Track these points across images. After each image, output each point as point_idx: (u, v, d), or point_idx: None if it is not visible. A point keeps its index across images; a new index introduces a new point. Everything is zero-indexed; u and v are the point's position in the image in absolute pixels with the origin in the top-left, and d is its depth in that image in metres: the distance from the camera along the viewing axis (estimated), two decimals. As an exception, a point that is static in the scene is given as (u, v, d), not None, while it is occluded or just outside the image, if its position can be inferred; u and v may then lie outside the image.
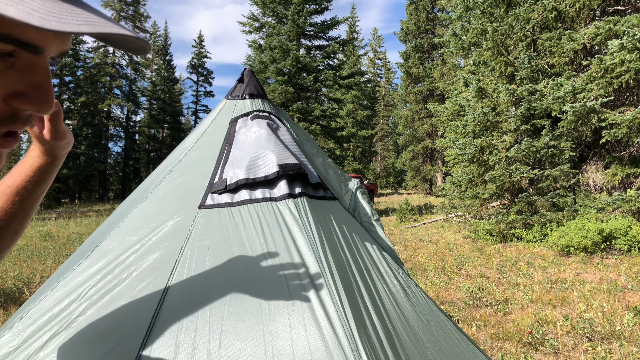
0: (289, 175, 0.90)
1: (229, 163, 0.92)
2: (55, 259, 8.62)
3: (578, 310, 4.67)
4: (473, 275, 6.66)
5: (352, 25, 40.42)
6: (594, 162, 10.68)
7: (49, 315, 0.74)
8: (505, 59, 10.74)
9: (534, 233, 9.49)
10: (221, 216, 0.84)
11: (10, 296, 5.64)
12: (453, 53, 13.47)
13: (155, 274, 0.76)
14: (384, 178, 45.39)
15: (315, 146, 1.20)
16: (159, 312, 0.71)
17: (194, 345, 0.67)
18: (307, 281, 0.74)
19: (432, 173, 28.41)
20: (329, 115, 18.38)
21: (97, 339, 0.69)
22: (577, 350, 3.62)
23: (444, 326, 0.93)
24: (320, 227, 0.87)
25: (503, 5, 10.91)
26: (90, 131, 35.53)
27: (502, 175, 10.01)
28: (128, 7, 38.20)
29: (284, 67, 17.11)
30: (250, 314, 0.70)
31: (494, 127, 10.91)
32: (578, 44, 9.35)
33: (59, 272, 0.87)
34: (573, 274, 6.61)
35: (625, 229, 7.87)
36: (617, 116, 8.33)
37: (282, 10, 18.01)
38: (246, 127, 1.00)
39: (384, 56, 49.85)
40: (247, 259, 0.78)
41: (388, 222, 15.90)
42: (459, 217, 13.26)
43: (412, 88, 28.80)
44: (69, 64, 33.68)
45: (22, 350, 0.71)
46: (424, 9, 28.62)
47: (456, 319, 4.51)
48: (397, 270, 0.99)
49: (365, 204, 1.17)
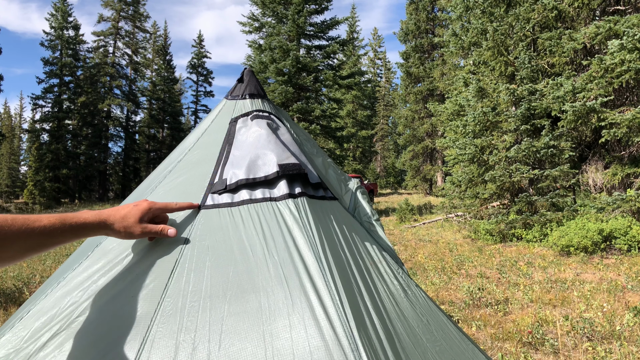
0: (289, 175, 0.90)
1: (229, 163, 0.92)
2: (55, 259, 8.62)
3: (578, 310, 4.67)
4: (473, 275, 6.66)
5: (352, 25, 40.42)
6: (594, 162, 10.68)
7: (49, 315, 0.75)
8: (505, 58, 10.74)
9: (534, 233, 9.48)
10: (221, 216, 0.84)
11: (10, 296, 5.64)
12: (453, 53, 13.47)
13: (155, 274, 0.76)
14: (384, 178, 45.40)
15: (315, 146, 1.20)
16: (158, 312, 0.71)
17: (194, 346, 0.67)
18: (307, 281, 0.75)
19: (432, 173, 28.41)
20: (329, 115, 18.38)
21: (97, 339, 0.69)
22: (577, 350, 3.62)
23: (444, 326, 0.93)
24: (320, 227, 0.87)
25: (503, 5, 10.91)
26: (90, 131, 35.52)
27: (502, 175, 10.01)
28: (128, 7, 38.17)
29: (284, 67, 17.10)
30: (250, 314, 0.70)
31: (494, 127, 10.91)
32: (578, 43, 9.34)
33: (59, 272, 0.87)
34: (573, 273, 6.61)
35: (625, 228, 7.87)
36: (617, 116, 8.32)
37: (282, 10, 18.00)
38: (246, 127, 1.00)
39: (384, 56, 49.87)
40: (247, 259, 0.78)
41: (388, 222, 15.90)
42: (459, 217, 13.26)
43: (412, 88, 28.79)
44: (69, 64, 33.65)
45: (22, 350, 0.71)
46: (424, 9, 28.60)
47: (456, 319, 4.51)
48: (397, 270, 0.99)
49: (365, 203, 1.17)
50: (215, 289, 0.74)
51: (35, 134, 33.63)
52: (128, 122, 38.80)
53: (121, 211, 0.76)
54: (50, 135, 33.32)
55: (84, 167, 34.96)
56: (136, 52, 38.99)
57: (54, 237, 0.67)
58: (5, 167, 50.66)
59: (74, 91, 34.22)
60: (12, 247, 0.63)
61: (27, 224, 0.64)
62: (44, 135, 33.77)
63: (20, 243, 0.63)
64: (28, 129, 34.95)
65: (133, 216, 0.76)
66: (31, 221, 0.65)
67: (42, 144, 33.06)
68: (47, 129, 33.64)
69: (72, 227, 0.70)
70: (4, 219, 0.62)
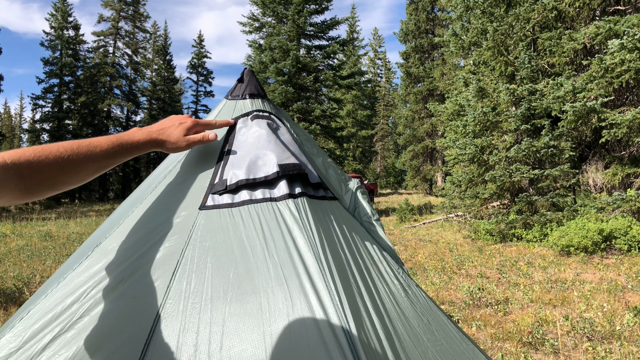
0: (289, 175, 0.90)
1: (229, 163, 0.92)
2: (55, 259, 8.62)
3: (578, 310, 4.67)
4: (473, 275, 6.66)
5: (352, 25, 40.42)
6: (594, 162, 10.68)
7: (50, 316, 0.74)
8: (506, 58, 10.74)
9: (534, 233, 9.48)
10: (222, 217, 0.84)
11: (10, 296, 5.64)
12: (453, 53, 13.47)
13: (156, 275, 0.76)
14: (384, 178, 45.40)
15: (315, 146, 1.20)
16: (160, 314, 0.71)
17: (196, 347, 0.67)
18: (307, 282, 0.75)
19: (432, 173, 28.41)
20: (329, 115, 18.37)
21: (99, 340, 0.69)
22: (577, 350, 3.62)
23: (444, 326, 0.94)
24: (320, 227, 0.87)
25: (503, 5, 10.90)
26: (90, 131, 35.49)
27: (502, 175, 10.01)
28: (128, 7, 38.15)
29: (284, 67, 17.09)
30: (251, 314, 0.70)
31: (494, 127, 10.91)
32: (578, 43, 9.34)
33: (59, 272, 0.87)
34: (573, 273, 6.61)
35: (625, 228, 7.87)
36: (617, 116, 8.32)
37: (282, 10, 17.99)
38: (246, 127, 1.00)
39: (384, 56, 49.86)
40: (247, 260, 0.78)
41: (388, 222, 15.90)
42: (459, 217, 13.26)
43: (412, 88, 28.79)
44: (69, 64, 33.64)
45: (24, 351, 0.71)
46: (424, 9, 28.60)
47: (456, 319, 4.51)
48: (398, 270, 0.99)
49: (365, 203, 1.17)
50: (216, 290, 0.74)
51: (35, 134, 33.62)
52: (128, 122, 38.78)
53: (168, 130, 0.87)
54: (50, 135, 33.31)
55: (84, 167, 34.93)
56: (136, 52, 38.99)
57: (113, 158, 0.77)
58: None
59: (74, 91, 34.21)
60: (81, 171, 0.72)
61: (90, 149, 0.73)
62: (44, 135, 33.77)
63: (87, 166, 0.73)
64: (28, 129, 34.94)
65: (180, 133, 0.87)
66: (93, 146, 0.74)
67: (43, 144, 33.05)
68: (47, 129, 33.64)
69: (128, 148, 0.79)
70: (71, 148, 0.70)
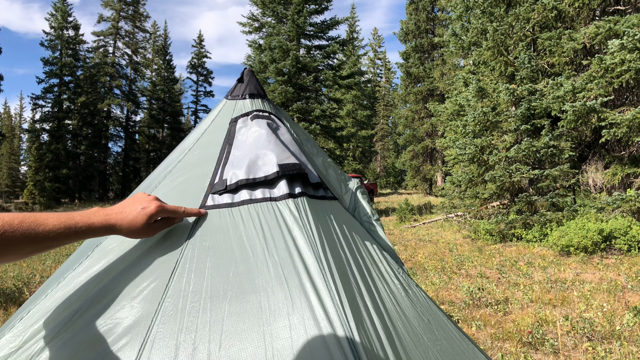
0: (289, 175, 0.90)
1: (229, 163, 0.92)
2: (55, 259, 8.62)
3: (578, 310, 4.67)
4: (473, 275, 6.66)
5: (352, 26, 40.41)
6: (594, 161, 10.68)
7: (50, 316, 0.74)
8: (505, 58, 10.74)
9: (533, 233, 9.48)
10: (221, 216, 0.84)
11: (10, 296, 5.64)
12: (453, 53, 13.47)
13: (156, 274, 0.76)
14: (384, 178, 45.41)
15: (315, 146, 1.20)
16: (159, 313, 0.71)
17: (195, 346, 0.67)
18: (307, 281, 0.75)
19: (432, 173, 28.41)
20: (329, 115, 18.37)
21: (98, 340, 0.69)
22: (577, 350, 3.62)
23: (444, 326, 0.94)
24: (320, 226, 0.87)
25: (503, 5, 10.90)
26: (90, 131, 35.52)
27: (502, 175, 10.01)
28: (128, 7, 38.16)
29: (284, 67, 17.09)
30: (251, 314, 0.70)
31: (494, 127, 10.91)
32: (578, 43, 9.34)
33: (59, 272, 0.87)
34: (573, 273, 6.61)
35: (625, 228, 7.87)
36: (617, 116, 8.32)
37: (282, 10, 17.99)
38: (246, 127, 1.00)
39: (384, 56, 49.87)
40: (247, 260, 0.78)
41: (388, 222, 15.91)
42: (459, 217, 13.26)
43: (412, 88, 28.79)
44: (68, 64, 33.65)
45: (23, 351, 0.71)
46: (424, 9, 28.61)
47: (456, 318, 4.51)
48: (398, 270, 0.99)
49: (365, 203, 1.17)
50: (215, 290, 0.74)
51: (35, 134, 33.63)
52: (128, 122, 38.80)
53: (129, 215, 0.76)
54: (50, 135, 33.33)
55: (84, 167, 34.98)
56: (136, 52, 39.00)
57: (57, 240, 0.68)
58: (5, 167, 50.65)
59: (74, 91, 34.22)
60: (16, 250, 0.64)
61: (31, 228, 0.65)
62: (44, 135, 33.80)
63: (24, 246, 0.64)
64: (28, 129, 34.95)
65: (141, 220, 0.76)
66: (36, 224, 0.65)
67: (42, 144, 33.07)
68: (47, 129, 33.66)
69: (77, 231, 0.70)
70: (10, 223, 0.63)
